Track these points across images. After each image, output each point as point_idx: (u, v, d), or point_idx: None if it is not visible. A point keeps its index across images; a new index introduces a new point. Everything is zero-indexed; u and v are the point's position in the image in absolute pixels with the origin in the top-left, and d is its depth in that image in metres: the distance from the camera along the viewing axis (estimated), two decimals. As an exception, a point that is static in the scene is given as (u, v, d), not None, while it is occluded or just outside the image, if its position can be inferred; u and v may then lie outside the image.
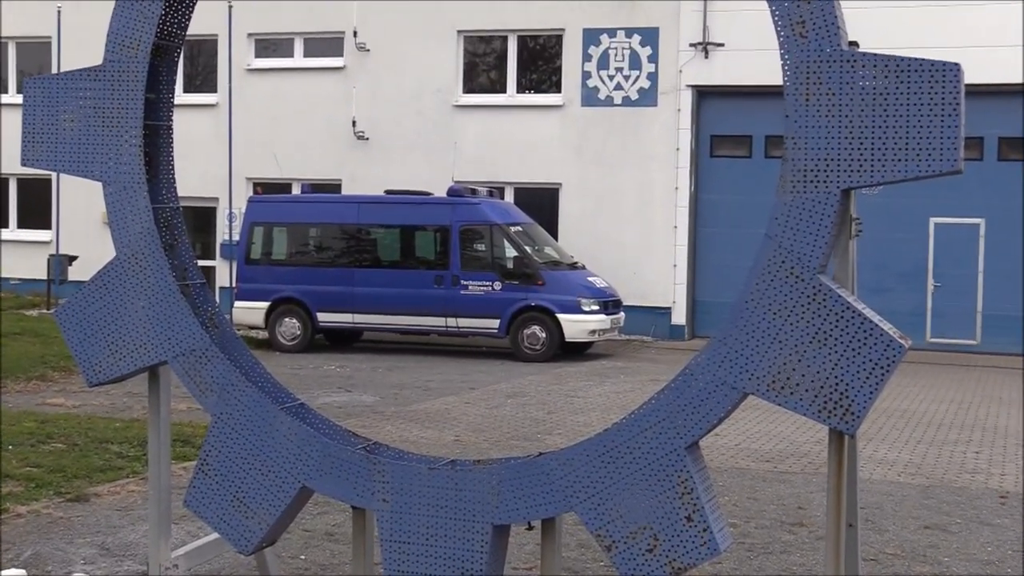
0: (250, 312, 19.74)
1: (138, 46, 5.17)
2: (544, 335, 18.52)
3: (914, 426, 12.70)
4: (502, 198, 21.41)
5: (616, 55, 22.40)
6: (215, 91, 24.61)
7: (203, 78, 25.18)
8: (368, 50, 23.64)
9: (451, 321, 18.77)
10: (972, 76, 5.50)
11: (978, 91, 17.79)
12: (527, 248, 18.86)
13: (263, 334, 20.20)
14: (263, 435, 4.93)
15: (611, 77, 22.40)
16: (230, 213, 22.47)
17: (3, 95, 25.91)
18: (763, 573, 6.86)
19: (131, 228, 5.19)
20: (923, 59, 3.98)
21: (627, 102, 22.32)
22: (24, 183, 26.08)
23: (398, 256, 19.50)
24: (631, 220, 22.30)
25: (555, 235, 21.97)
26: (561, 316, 18.45)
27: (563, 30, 22.80)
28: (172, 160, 5.48)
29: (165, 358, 5.13)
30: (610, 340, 20.43)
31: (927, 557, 7.35)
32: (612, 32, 22.43)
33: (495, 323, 18.60)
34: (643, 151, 22.25)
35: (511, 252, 18.79)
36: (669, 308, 22.20)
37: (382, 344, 20.80)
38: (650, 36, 22.23)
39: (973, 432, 12.34)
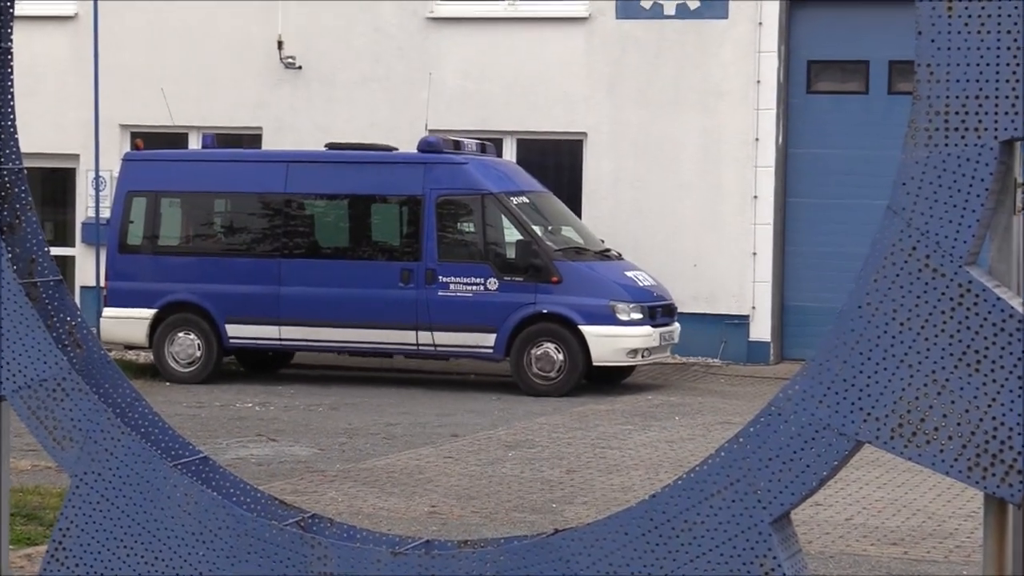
0: (127, 324, 19.73)
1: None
2: (561, 357, 18.51)
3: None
4: (499, 154, 21.43)
5: (667, -57, 22.44)
6: (75, -3, 24.64)
7: (57, -22, 25.20)
8: (301, -64, 23.68)
9: (424, 336, 18.76)
10: None
11: None
12: (536, 228, 18.86)
13: (147, 356, 20.19)
14: (148, 504, 4.93)
15: (660, -24, 22.43)
16: (97, 177, 22.49)
17: None
18: None
19: (-48, 200, 5.19)
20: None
21: (683, 13, 22.33)
22: None
23: (346, 241, 19.50)
24: (690, 187, 22.31)
25: (578, 209, 21.98)
26: (586, 329, 18.43)
27: (589, -94, 22.85)
28: (11, 100, 5.48)
29: (1, 392, 5.13)
30: (659, 363, 20.43)
31: None
32: (661, -91, 22.47)
33: (489, 339, 18.58)
34: (707, 85, 22.26)
35: (513, 235, 18.78)
36: (746, 317, 22.20)
37: (322, 371, 20.80)
38: (717, -85, 22.26)
39: None
